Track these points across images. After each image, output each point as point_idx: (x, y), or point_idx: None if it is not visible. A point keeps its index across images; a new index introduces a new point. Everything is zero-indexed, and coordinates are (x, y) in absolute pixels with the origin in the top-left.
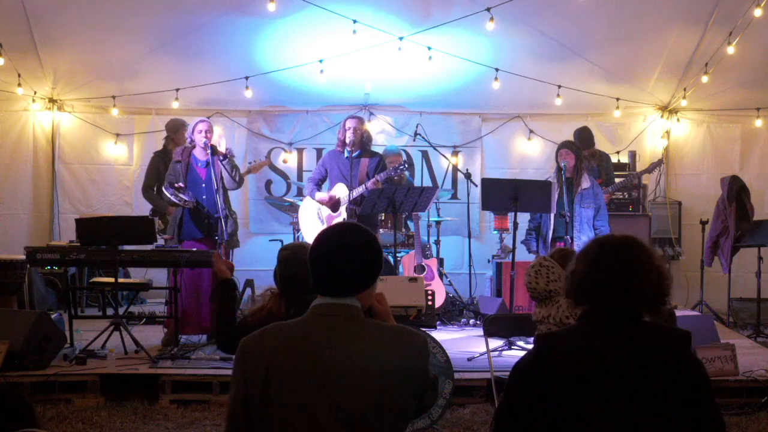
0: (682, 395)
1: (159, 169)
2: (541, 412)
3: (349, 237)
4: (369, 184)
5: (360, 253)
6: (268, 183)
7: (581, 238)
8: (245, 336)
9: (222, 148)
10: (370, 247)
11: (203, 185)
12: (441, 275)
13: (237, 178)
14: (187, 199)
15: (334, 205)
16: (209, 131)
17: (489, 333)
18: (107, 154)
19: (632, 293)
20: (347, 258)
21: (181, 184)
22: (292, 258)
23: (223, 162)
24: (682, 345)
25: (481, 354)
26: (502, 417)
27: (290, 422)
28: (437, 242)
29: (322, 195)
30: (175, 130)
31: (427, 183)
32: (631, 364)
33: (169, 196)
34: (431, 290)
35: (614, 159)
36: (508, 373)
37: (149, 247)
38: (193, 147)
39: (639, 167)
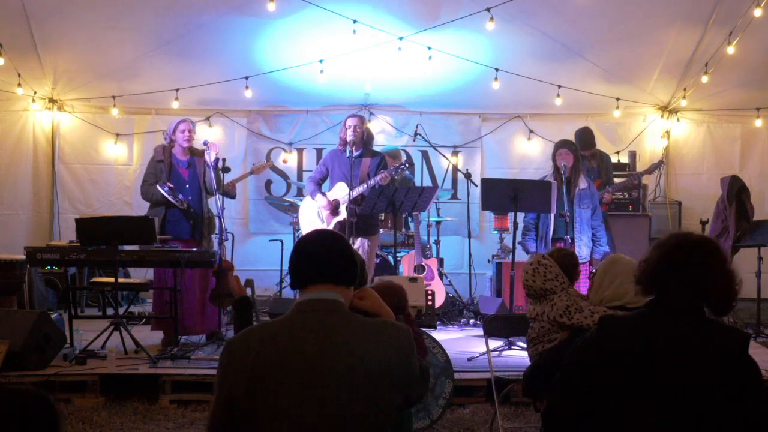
0: (732, 394)
1: None
2: (595, 392)
3: (324, 234)
4: (378, 178)
5: (335, 243)
6: (268, 183)
7: (582, 239)
8: None
9: (210, 158)
10: (345, 243)
11: (187, 185)
12: (441, 275)
13: (219, 190)
14: (182, 199)
15: (334, 207)
16: (192, 131)
17: (489, 333)
18: (107, 154)
19: (699, 293)
20: (325, 248)
21: (171, 185)
22: None
23: (212, 168)
24: (741, 346)
25: (481, 354)
26: (558, 391)
27: (276, 420)
28: (437, 242)
29: (322, 201)
30: None
31: (427, 183)
32: (687, 358)
33: (164, 194)
34: (431, 290)
35: (614, 159)
36: (507, 373)
37: (149, 247)
38: (172, 146)
39: (639, 167)
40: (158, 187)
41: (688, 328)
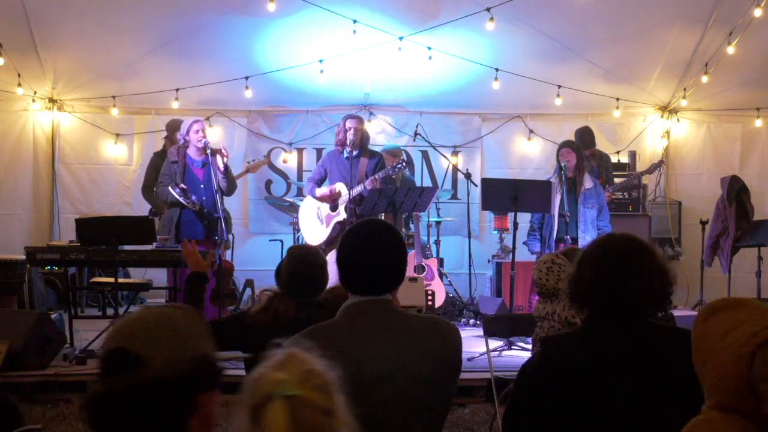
0: (689, 397)
1: (159, 169)
2: (548, 415)
3: (381, 237)
4: (367, 183)
5: (395, 252)
6: (268, 183)
7: (586, 239)
8: (232, 334)
9: (226, 154)
10: (402, 245)
11: (201, 186)
12: (441, 275)
13: (231, 190)
14: (194, 200)
15: (334, 202)
16: (204, 131)
17: (489, 333)
18: (107, 154)
19: (636, 294)
20: (385, 258)
21: (184, 186)
22: (307, 258)
23: (225, 172)
24: (689, 346)
25: (481, 354)
26: (509, 420)
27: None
28: (437, 242)
29: (323, 190)
30: (174, 130)
31: (427, 183)
32: (638, 366)
33: (176, 195)
34: (431, 290)
35: (614, 159)
36: (507, 373)
37: (149, 247)
38: (187, 147)
39: (639, 167)
40: (170, 188)
41: (633, 335)
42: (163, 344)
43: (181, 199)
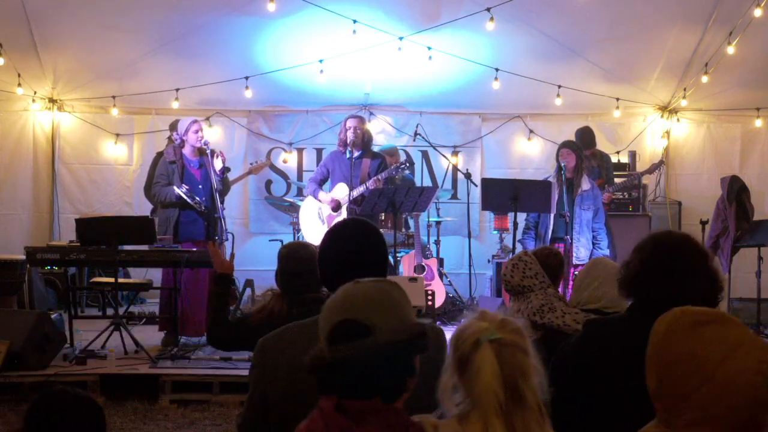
0: None
1: None
2: (580, 396)
3: (360, 236)
4: (370, 183)
5: (375, 250)
6: (268, 183)
7: (580, 240)
8: (240, 334)
9: (216, 166)
10: (382, 244)
11: (199, 186)
12: (441, 275)
13: (224, 194)
14: (199, 200)
15: (335, 206)
16: (202, 131)
17: None
18: (107, 154)
19: (681, 293)
20: (364, 257)
21: (187, 186)
22: (293, 255)
23: (223, 175)
24: None
25: None
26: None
27: None
28: (437, 242)
29: (325, 197)
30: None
31: (427, 183)
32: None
33: (183, 195)
34: (431, 290)
35: (614, 159)
36: None
37: (149, 247)
38: (182, 147)
39: (639, 167)
40: (175, 188)
41: None
42: (387, 314)
43: (188, 199)
